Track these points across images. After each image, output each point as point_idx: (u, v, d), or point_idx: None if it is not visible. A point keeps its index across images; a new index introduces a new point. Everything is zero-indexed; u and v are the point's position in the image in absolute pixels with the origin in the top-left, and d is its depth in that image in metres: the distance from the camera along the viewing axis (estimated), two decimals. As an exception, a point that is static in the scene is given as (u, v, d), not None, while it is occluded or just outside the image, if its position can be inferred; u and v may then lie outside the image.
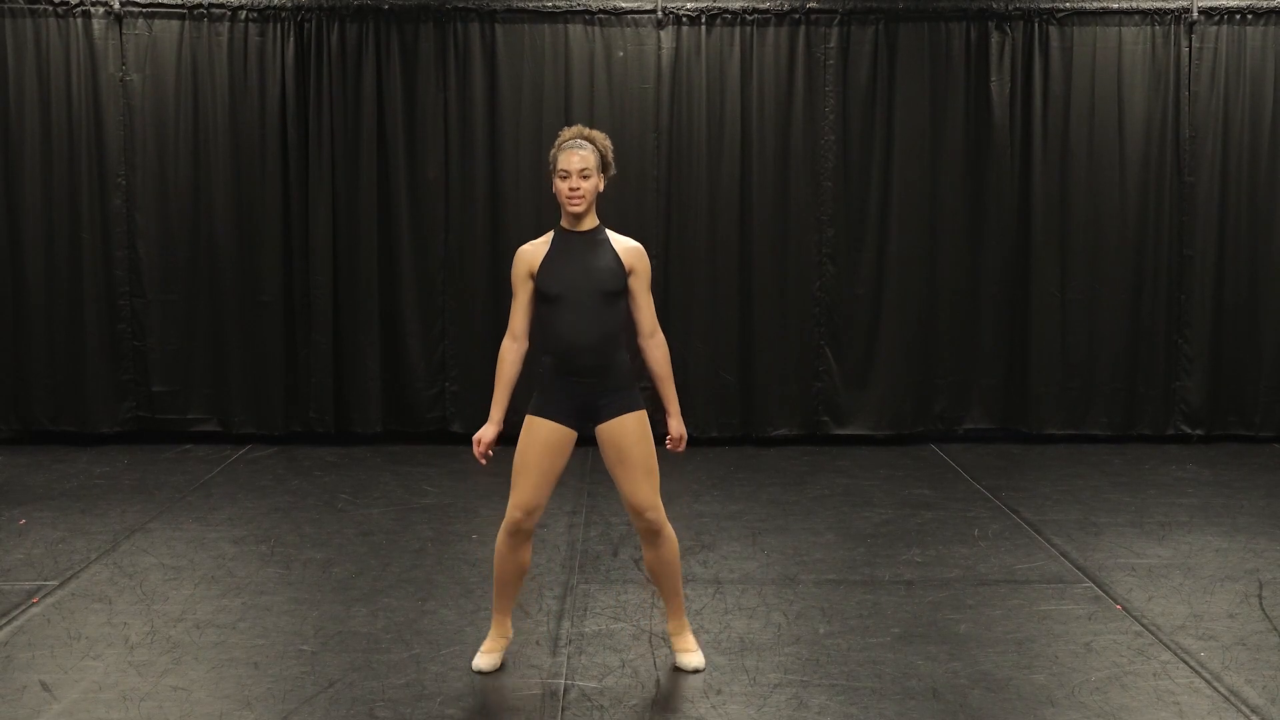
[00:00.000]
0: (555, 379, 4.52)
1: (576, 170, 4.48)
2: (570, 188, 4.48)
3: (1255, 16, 8.67)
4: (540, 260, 4.53)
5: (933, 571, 5.95)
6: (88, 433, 8.64)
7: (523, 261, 4.57)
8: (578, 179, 4.48)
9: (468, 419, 8.69)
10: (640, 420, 4.55)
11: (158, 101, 8.54)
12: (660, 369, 4.63)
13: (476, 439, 4.57)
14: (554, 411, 4.51)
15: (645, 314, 4.61)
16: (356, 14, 8.53)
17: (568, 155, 4.49)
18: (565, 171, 4.49)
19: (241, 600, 5.48)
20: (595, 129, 8.88)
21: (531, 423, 4.53)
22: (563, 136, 4.58)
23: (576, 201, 4.49)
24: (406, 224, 8.65)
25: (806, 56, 8.63)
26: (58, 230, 8.54)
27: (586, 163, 4.49)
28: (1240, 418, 8.89)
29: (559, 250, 4.54)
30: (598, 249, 4.54)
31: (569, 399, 4.51)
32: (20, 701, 4.39)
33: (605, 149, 4.58)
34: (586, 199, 4.50)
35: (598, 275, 4.49)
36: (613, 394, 4.52)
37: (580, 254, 4.52)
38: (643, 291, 4.59)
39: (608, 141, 4.62)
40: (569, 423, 4.52)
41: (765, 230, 8.68)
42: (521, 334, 4.59)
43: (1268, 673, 4.70)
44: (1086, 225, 8.77)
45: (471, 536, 6.52)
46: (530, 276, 4.54)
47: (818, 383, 8.81)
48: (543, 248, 4.57)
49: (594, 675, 4.65)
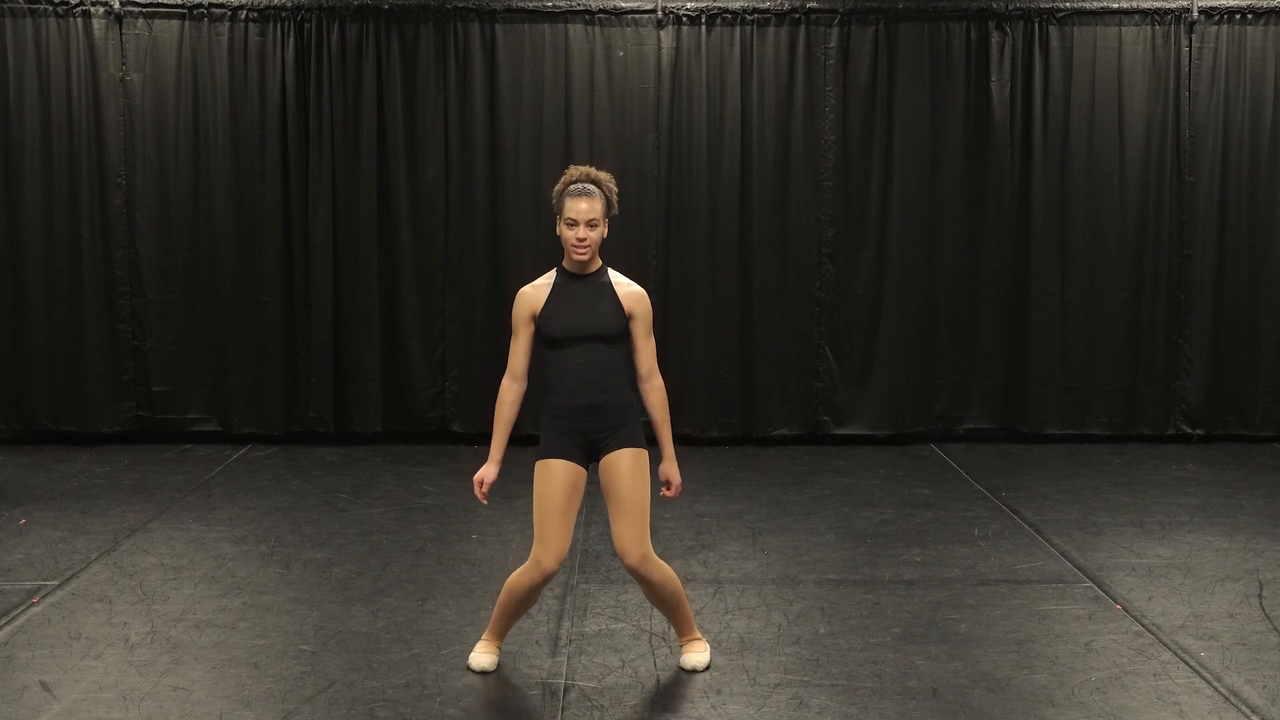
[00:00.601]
0: (559, 419, 4.49)
1: (584, 220, 4.44)
2: (578, 238, 4.45)
3: (1255, 16, 8.67)
4: (542, 304, 4.51)
5: (933, 571, 5.95)
6: (88, 433, 8.64)
7: (524, 303, 4.54)
8: (585, 229, 4.45)
9: (468, 419, 8.70)
10: (638, 457, 4.51)
11: (158, 101, 8.54)
12: (657, 413, 4.60)
13: (478, 480, 4.54)
14: (565, 452, 4.48)
15: (645, 358, 4.59)
16: (356, 14, 8.53)
17: (575, 202, 4.46)
18: (573, 220, 4.45)
19: (241, 600, 5.48)
20: (595, 129, 8.95)
21: (546, 466, 4.48)
22: (569, 176, 4.54)
23: (583, 251, 4.47)
24: (406, 224, 8.65)
25: (806, 56, 8.63)
26: (58, 230, 8.54)
27: (594, 211, 4.45)
28: (1240, 418, 8.89)
29: (560, 293, 4.51)
30: (600, 293, 4.51)
31: (576, 437, 4.49)
32: (20, 701, 4.39)
33: (611, 193, 4.55)
34: (592, 248, 4.48)
35: (599, 319, 4.47)
36: (616, 430, 4.49)
37: (582, 298, 4.49)
38: (643, 335, 4.57)
39: (613, 184, 4.58)
40: (578, 459, 4.50)
41: (765, 230, 8.68)
42: (521, 375, 4.57)
43: (1268, 673, 4.70)
44: (1086, 225, 8.77)
45: (471, 536, 6.52)
46: (532, 319, 4.52)
47: (818, 382, 8.81)
48: (544, 290, 4.53)
49: (594, 675, 4.65)
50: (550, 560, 4.47)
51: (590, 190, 4.48)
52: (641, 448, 4.53)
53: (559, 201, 4.51)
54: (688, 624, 4.74)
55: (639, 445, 4.52)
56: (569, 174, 4.56)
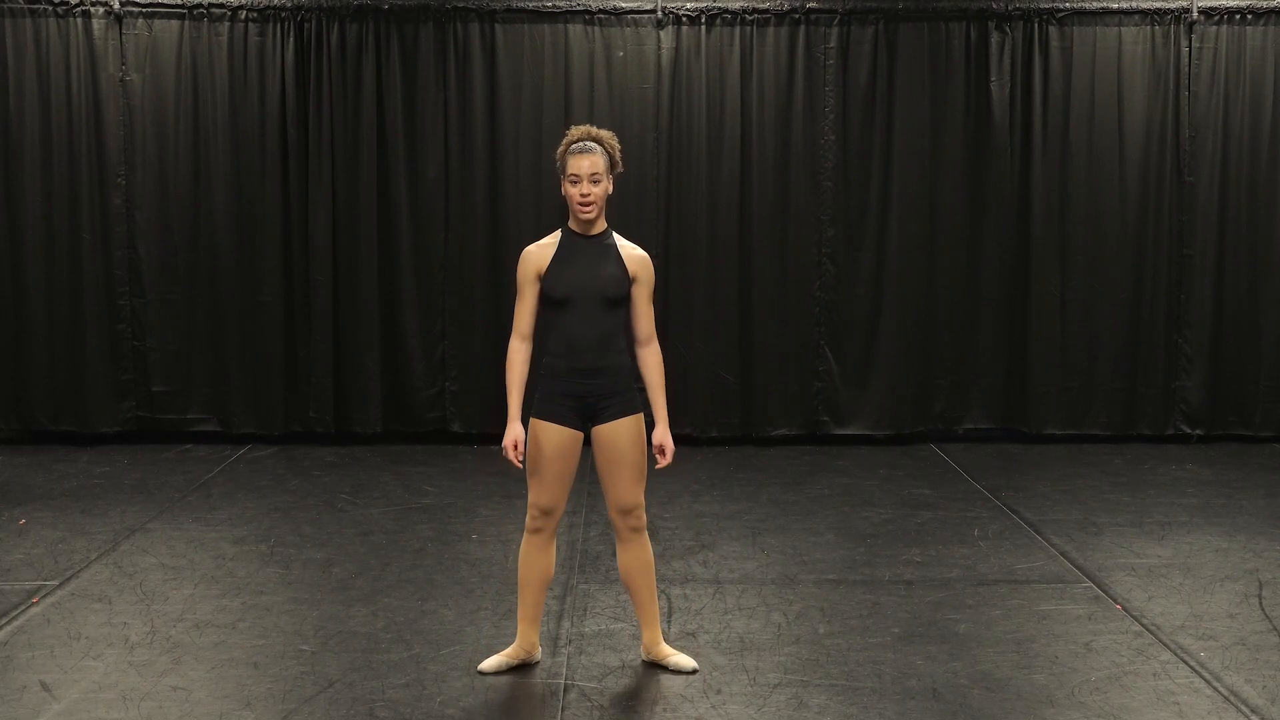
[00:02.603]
0: (557, 380, 4.52)
1: (587, 175, 4.46)
2: (581, 194, 4.46)
3: (1255, 16, 8.67)
4: (548, 263, 4.52)
5: (933, 571, 5.95)
6: (88, 433, 8.64)
7: (530, 262, 4.55)
8: (588, 184, 4.46)
9: (468, 419, 8.70)
10: (637, 423, 4.56)
11: (158, 101, 8.54)
12: (653, 377, 4.62)
13: (510, 444, 4.52)
14: (558, 414, 4.50)
15: (644, 322, 4.60)
16: (356, 14, 8.52)
17: (577, 159, 4.47)
18: (575, 176, 4.47)
19: (241, 600, 5.48)
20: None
21: (538, 426, 4.52)
22: (570, 136, 4.55)
23: (588, 209, 4.48)
24: (406, 224, 8.65)
25: (806, 56, 8.63)
26: (58, 230, 8.54)
27: (596, 167, 4.46)
28: (1240, 418, 8.89)
29: (566, 253, 4.52)
30: (605, 254, 4.53)
31: (571, 400, 4.51)
32: (20, 701, 4.39)
33: (613, 149, 4.55)
34: (597, 204, 4.49)
35: (603, 281, 4.49)
36: (612, 396, 4.52)
37: (587, 258, 4.51)
38: (644, 300, 4.59)
39: (615, 141, 4.59)
40: (574, 424, 4.52)
41: (765, 230, 8.68)
42: (529, 334, 4.58)
43: (1268, 673, 4.70)
44: (1086, 225, 8.77)
45: (471, 536, 6.52)
46: (538, 278, 4.53)
47: (818, 382, 8.81)
48: (550, 249, 4.55)
49: (594, 675, 4.65)
50: (536, 512, 4.53)
51: (591, 148, 4.49)
52: (639, 413, 4.56)
53: (561, 162, 4.53)
54: (654, 607, 4.68)
55: (636, 411, 4.55)
56: (570, 134, 4.57)
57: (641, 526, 4.61)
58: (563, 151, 4.54)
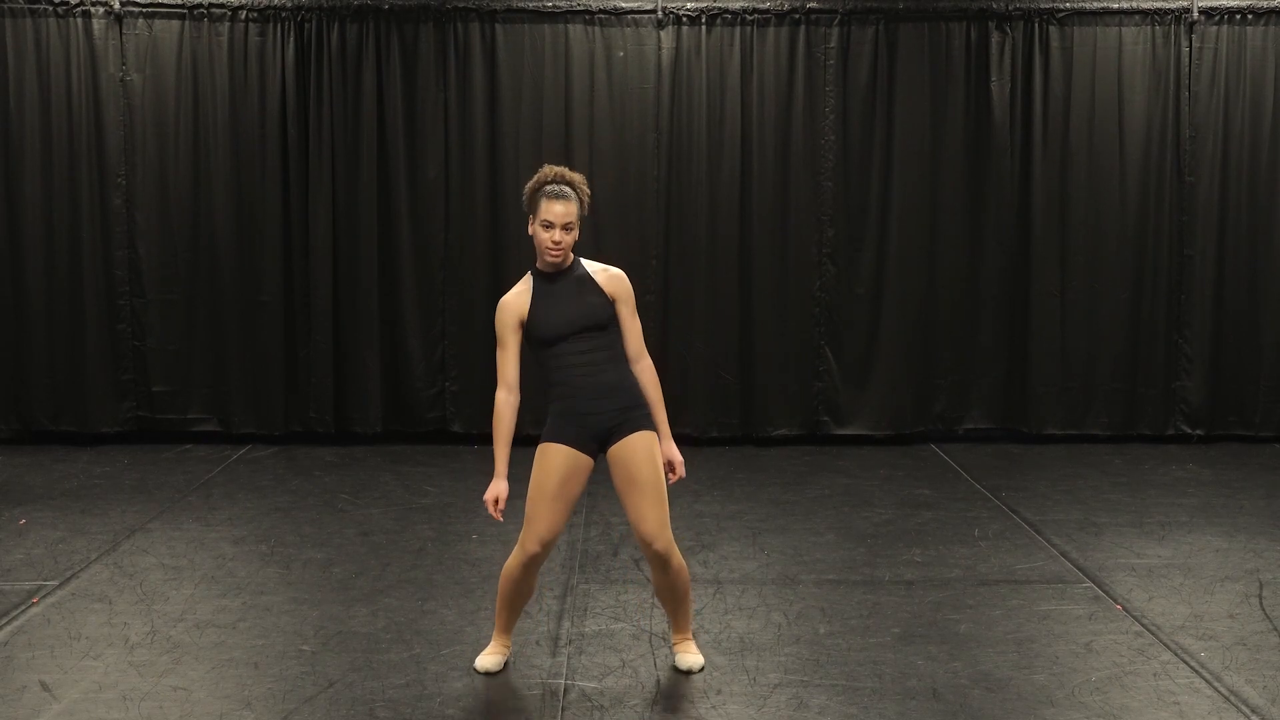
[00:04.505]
0: (568, 415, 4.47)
1: (560, 223, 4.41)
2: (554, 240, 4.42)
3: (1255, 16, 8.67)
4: (528, 308, 4.48)
5: (933, 571, 5.95)
6: (88, 433, 8.64)
7: (509, 312, 4.50)
8: (560, 232, 4.42)
9: (468, 419, 8.70)
10: (649, 440, 4.49)
11: (158, 101, 8.54)
12: (651, 394, 4.57)
13: (491, 499, 4.50)
14: (568, 436, 4.46)
15: (632, 339, 4.57)
16: (356, 14, 8.53)
17: (550, 204, 4.42)
18: (549, 222, 4.42)
19: (241, 600, 5.48)
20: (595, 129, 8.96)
21: (547, 449, 4.47)
22: (544, 176, 4.49)
23: (557, 254, 4.45)
24: (406, 224, 8.65)
25: (806, 56, 8.63)
26: (58, 230, 8.54)
27: (570, 215, 4.43)
28: (1240, 418, 8.89)
29: (542, 295, 4.49)
30: (581, 285, 4.50)
31: (586, 428, 4.46)
32: (20, 701, 4.39)
33: (585, 196, 4.52)
34: (565, 251, 4.46)
35: (588, 311, 4.46)
36: (622, 415, 4.47)
37: (565, 294, 4.48)
38: (629, 316, 4.55)
39: (586, 187, 4.55)
40: (585, 449, 4.47)
41: (765, 230, 8.68)
42: (515, 385, 4.51)
43: (1268, 673, 4.70)
44: (1086, 225, 8.77)
45: (471, 536, 6.52)
46: (520, 325, 4.49)
47: (818, 382, 8.81)
48: (525, 296, 4.50)
49: (594, 675, 4.65)
50: (532, 542, 4.47)
51: (566, 193, 4.44)
52: (651, 430, 4.51)
53: (532, 201, 4.48)
54: (687, 620, 4.73)
55: (650, 429, 4.50)
56: (543, 173, 4.51)
57: (667, 555, 4.48)
58: (533, 190, 4.49)
